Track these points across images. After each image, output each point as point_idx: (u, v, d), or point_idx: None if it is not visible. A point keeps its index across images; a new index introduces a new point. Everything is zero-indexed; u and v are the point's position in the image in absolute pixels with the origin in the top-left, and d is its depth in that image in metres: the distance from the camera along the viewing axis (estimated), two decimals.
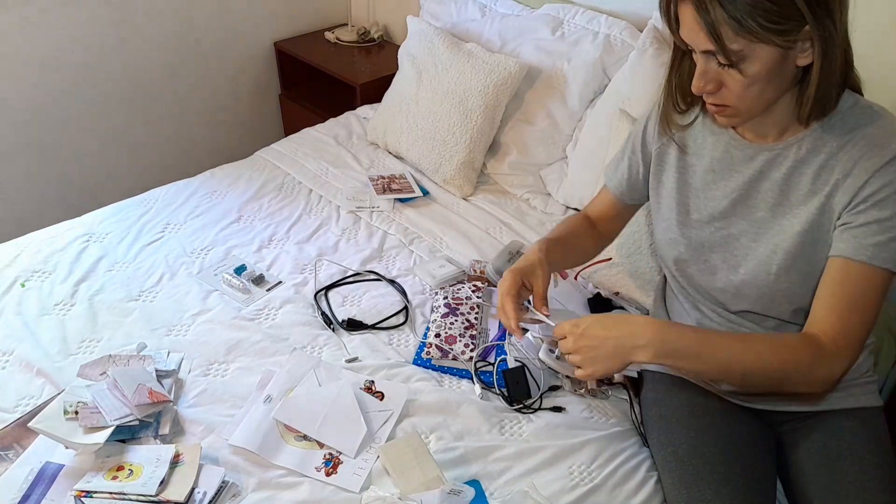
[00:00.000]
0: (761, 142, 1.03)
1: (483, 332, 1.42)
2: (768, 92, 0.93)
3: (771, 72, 0.90)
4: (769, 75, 0.91)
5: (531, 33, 1.94)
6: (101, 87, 2.23)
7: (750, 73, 0.90)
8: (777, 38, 0.86)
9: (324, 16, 2.70)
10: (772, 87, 0.93)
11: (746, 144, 1.04)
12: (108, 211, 1.73)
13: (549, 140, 1.89)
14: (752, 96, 0.94)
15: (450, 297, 1.47)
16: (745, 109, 0.97)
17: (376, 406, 1.22)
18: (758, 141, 1.03)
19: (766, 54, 0.88)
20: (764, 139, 1.02)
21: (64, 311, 1.41)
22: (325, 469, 1.12)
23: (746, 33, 0.86)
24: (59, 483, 1.06)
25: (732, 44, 0.88)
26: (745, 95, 0.93)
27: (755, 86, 0.92)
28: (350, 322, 1.42)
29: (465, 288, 1.50)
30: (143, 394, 1.15)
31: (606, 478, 1.13)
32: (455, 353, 1.34)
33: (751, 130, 1.04)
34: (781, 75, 0.92)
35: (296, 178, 1.92)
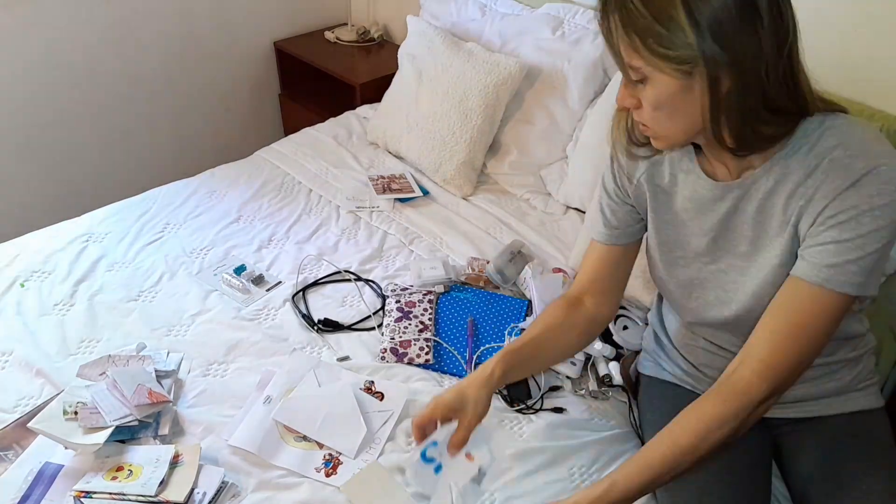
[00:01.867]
0: (728, 179, 0.97)
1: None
2: (678, 121, 0.88)
3: (673, 100, 0.85)
4: (671, 103, 0.85)
5: (531, 33, 1.94)
6: (100, 86, 2.23)
7: (649, 96, 0.86)
8: (668, 65, 0.81)
9: (324, 16, 2.69)
10: (681, 115, 0.87)
11: (713, 185, 0.98)
12: (108, 211, 1.73)
13: (550, 140, 1.89)
14: (662, 121, 0.89)
15: (402, 301, 1.46)
16: (663, 134, 0.92)
17: (376, 406, 1.22)
18: (725, 178, 0.97)
19: (663, 81, 0.83)
20: (730, 175, 0.96)
21: (63, 311, 1.41)
22: (324, 470, 1.11)
23: (638, 53, 0.82)
24: (58, 483, 1.06)
25: (632, 60, 0.84)
26: (655, 118, 0.89)
27: (661, 111, 0.87)
28: (326, 322, 1.42)
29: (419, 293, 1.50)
30: (143, 394, 1.15)
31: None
32: (411, 356, 1.34)
33: (717, 165, 0.98)
34: (689, 105, 0.85)
35: (296, 178, 1.92)
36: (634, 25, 0.81)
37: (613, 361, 1.33)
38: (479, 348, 1.38)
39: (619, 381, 1.30)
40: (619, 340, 1.37)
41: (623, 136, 1.02)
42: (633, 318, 1.44)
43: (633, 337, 1.39)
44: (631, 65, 0.84)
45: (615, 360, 1.34)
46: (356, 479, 1.08)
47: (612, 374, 1.30)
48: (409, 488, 1.08)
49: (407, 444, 1.17)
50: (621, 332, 1.39)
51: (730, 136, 0.86)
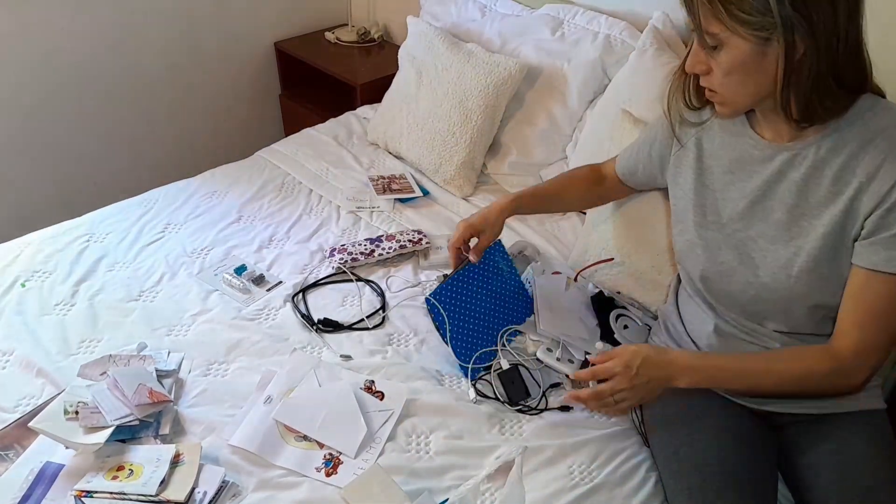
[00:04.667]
0: (779, 141, 1.01)
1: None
2: (750, 86, 0.93)
3: (747, 66, 0.90)
4: (745, 68, 0.91)
5: (531, 33, 1.94)
6: (101, 87, 2.23)
7: (723, 61, 0.91)
8: (747, 30, 0.86)
9: (324, 16, 2.70)
10: (752, 81, 0.92)
11: (765, 144, 1.03)
12: (109, 211, 1.73)
13: (550, 140, 1.89)
14: (733, 86, 0.94)
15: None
16: (731, 99, 0.97)
17: (376, 406, 1.22)
18: (776, 140, 1.02)
19: (740, 46, 0.89)
20: (781, 139, 1.01)
21: (64, 311, 1.41)
22: (325, 469, 1.12)
23: (719, 19, 0.87)
24: (59, 483, 1.06)
25: (710, 26, 0.89)
26: (726, 84, 0.94)
27: (733, 76, 0.92)
28: (326, 322, 1.42)
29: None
30: (144, 394, 1.15)
31: (606, 477, 1.13)
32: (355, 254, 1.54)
33: (769, 129, 1.03)
34: (761, 71, 0.91)
35: (296, 179, 1.92)
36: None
37: None
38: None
39: None
40: (620, 339, 1.38)
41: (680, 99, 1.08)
42: (633, 318, 1.44)
43: (634, 336, 1.39)
44: (708, 30, 0.89)
45: None
46: (357, 482, 1.08)
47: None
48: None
49: (407, 444, 1.18)
50: (622, 331, 1.40)
51: (796, 104, 0.91)
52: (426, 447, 1.17)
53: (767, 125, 1.02)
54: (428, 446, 1.18)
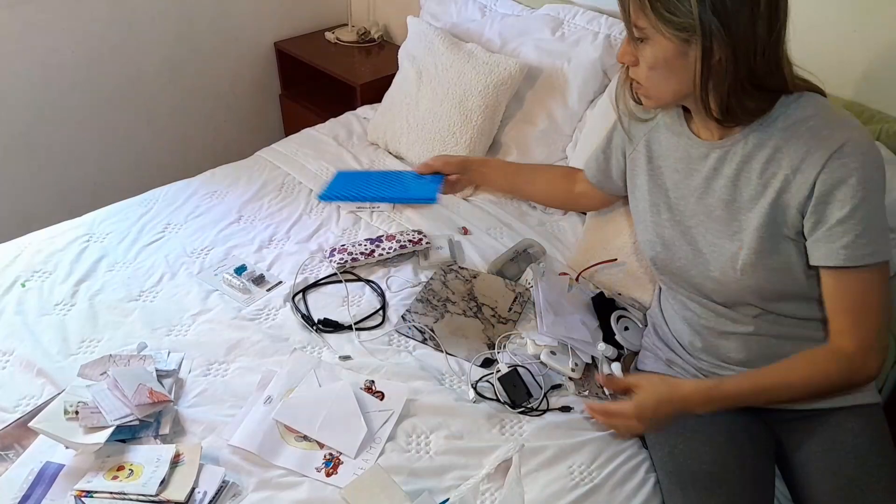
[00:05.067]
0: (711, 139, 1.05)
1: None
2: (671, 83, 0.96)
3: (669, 63, 0.93)
4: (667, 66, 0.93)
5: (531, 33, 1.94)
6: (101, 87, 2.23)
7: (647, 55, 0.94)
8: (668, 29, 0.89)
9: (324, 16, 2.70)
10: (674, 78, 0.95)
11: (699, 143, 1.06)
12: (109, 211, 1.73)
13: (550, 140, 1.89)
14: (656, 81, 0.97)
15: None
16: (654, 94, 1.00)
17: (376, 406, 1.22)
18: (709, 139, 1.05)
19: (662, 43, 0.91)
20: (713, 136, 1.04)
21: (64, 311, 1.41)
22: (325, 469, 1.12)
23: (644, 14, 0.89)
24: (59, 483, 1.06)
25: (638, 19, 0.92)
26: (650, 77, 0.97)
27: (656, 71, 0.95)
28: (326, 322, 1.42)
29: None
30: (144, 394, 1.15)
31: (606, 478, 1.13)
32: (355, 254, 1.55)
33: (702, 128, 1.06)
34: (682, 70, 0.93)
35: (296, 179, 1.92)
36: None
37: (615, 362, 1.33)
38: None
39: None
40: (620, 340, 1.38)
41: (627, 92, 1.10)
42: (633, 320, 1.44)
43: (634, 337, 1.39)
44: (636, 23, 0.92)
45: (616, 360, 1.34)
46: (357, 482, 1.08)
47: (615, 373, 1.30)
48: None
49: (407, 444, 1.18)
50: (623, 333, 1.40)
51: (715, 104, 0.94)
52: (426, 447, 1.17)
53: (701, 124, 1.06)
54: (428, 446, 1.18)
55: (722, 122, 0.97)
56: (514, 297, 1.51)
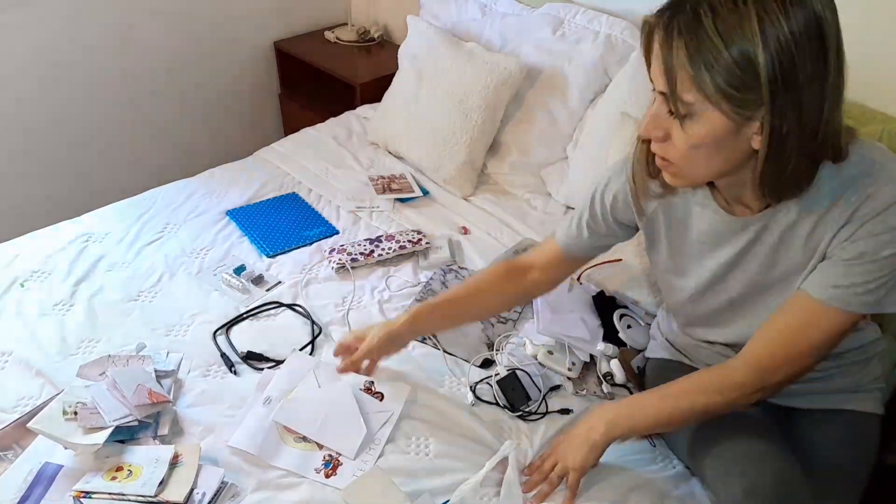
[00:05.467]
0: (747, 214, 0.96)
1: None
2: (715, 161, 0.85)
3: (718, 140, 0.81)
4: (716, 143, 0.82)
5: (532, 33, 1.94)
6: (101, 87, 2.23)
7: (693, 133, 0.82)
8: (729, 105, 0.77)
9: (324, 16, 2.69)
10: (720, 157, 0.84)
11: (732, 220, 0.97)
12: (108, 211, 1.73)
13: (550, 140, 1.89)
14: (696, 160, 0.85)
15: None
16: (689, 173, 0.89)
17: (376, 407, 1.22)
18: (744, 214, 0.96)
19: (715, 119, 0.79)
20: (749, 211, 0.95)
21: (63, 311, 1.41)
22: (324, 471, 1.11)
23: (700, 88, 0.77)
24: (58, 483, 1.06)
25: (685, 93, 0.79)
26: (689, 156, 0.85)
27: (700, 150, 0.83)
28: (250, 354, 1.32)
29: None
30: (143, 394, 1.15)
31: (605, 477, 1.13)
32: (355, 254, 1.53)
33: (735, 202, 0.96)
34: (730, 149, 0.83)
35: (296, 178, 1.92)
36: (704, 57, 0.76)
37: (614, 360, 1.33)
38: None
39: (621, 380, 1.30)
40: (624, 338, 1.38)
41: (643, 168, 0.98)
42: (635, 318, 1.44)
43: (637, 335, 1.39)
44: (682, 97, 0.79)
45: (615, 358, 1.34)
46: (356, 483, 1.08)
47: (614, 371, 1.30)
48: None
49: (406, 446, 1.17)
50: (626, 331, 1.39)
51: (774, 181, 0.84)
52: (426, 449, 1.17)
53: (733, 198, 0.96)
54: (427, 448, 1.17)
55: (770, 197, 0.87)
56: None
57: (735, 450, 1.01)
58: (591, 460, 1.07)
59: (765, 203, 0.93)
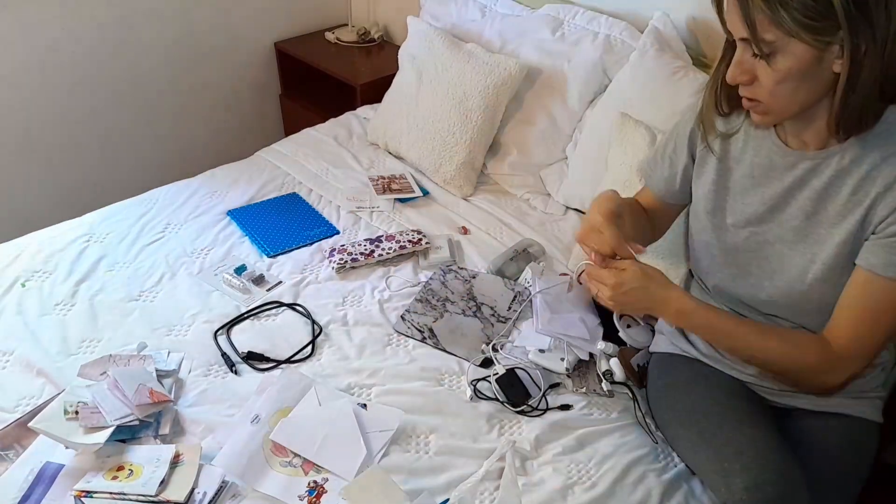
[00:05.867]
0: (803, 149, 1.00)
1: None
2: (801, 93, 0.91)
3: (803, 71, 0.88)
4: (801, 75, 0.89)
5: (531, 34, 1.94)
6: (101, 87, 2.23)
7: (780, 69, 0.88)
8: (809, 35, 0.84)
9: (324, 16, 2.70)
10: (804, 88, 0.90)
11: (789, 152, 1.02)
12: (109, 211, 1.73)
13: (550, 140, 1.89)
14: (784, 94, 0.92)
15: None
16: (777, 108, 0.95)
17: (376, 426, 1.18)
18: (800, 148, 1.01)
19: (798, 51, 0.86)
20: (806, 147, 1.00)
21: (64, 311, 1.41)
22: (308, 498, 1.08)
23: (780, 25, 0.85)
24: (59, 483, 1.06)
25: (766, 33, 0.86)
26: (777, 92, 0.91)
27: (786, 83, 0.90)
28: (250, 355, 1.32)
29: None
30: (144, 394, 1.15)
31: (605, 474, 1.14)
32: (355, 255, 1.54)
33: (794, 137, 1.02)
34: (815, 78, 0.89)
35: (296, 179, 1.92)
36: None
37: (614, 358, 1.33)
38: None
39: (620, 377, 1.30)
40: (624, 338, 1.37)
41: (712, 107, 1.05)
42: (635, 318, 1.44)
43: (638, 334, 1.39)
44: (763, 38, 0.87)
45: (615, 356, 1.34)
46: (356, 483, 1.08)
47: (614, 369, 1.30)
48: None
49: (406, 444, 1.17)
50: (626, 330, 1.39)
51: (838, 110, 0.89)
52: (426, 447, 1.17)
53: (793, 133, 1.02)
54: (427, 446, 1.18)
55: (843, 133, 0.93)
56: (513, 297, 1.51)
57: (736, 445, 1.02)
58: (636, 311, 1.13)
59: (824, 141, 0.97)
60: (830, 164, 0.97)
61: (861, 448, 1.11)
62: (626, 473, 1.15)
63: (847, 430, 1.11)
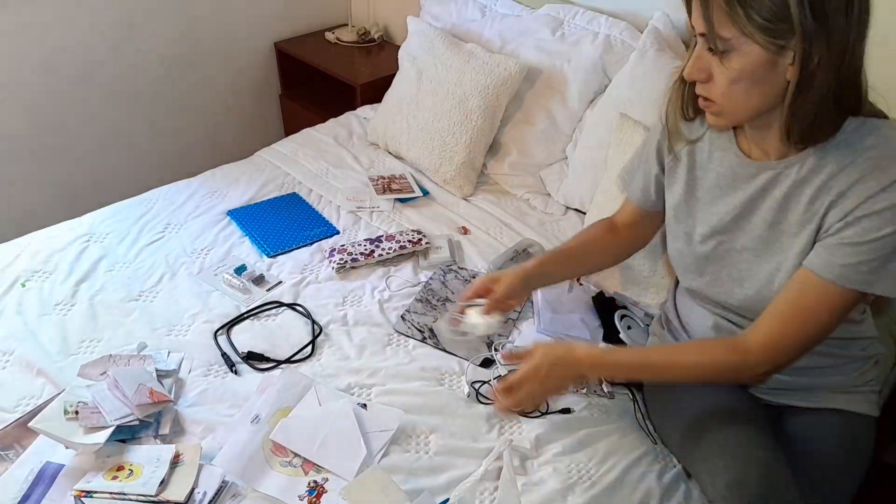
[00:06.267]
0: (764, 159, 1.00)
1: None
2: (754, 96, 0.90)
3: (756, 74, 0.87)
4: (754, 77, 0.88)
5: (531, 34, 1.94)
6: (101, 87, 2.23)
7: (734, 68, 0.88)
8: (763, 37, 0.84)
9: (324, 16, 2.70)
10: (757, 91, 0.90)
11: (750, 162, 1.02)
12: (109, 211, 1.73)
13: (549, 140, 1.89)
14: (737, 96, 0.91)
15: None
16: (730, 109, 0.94)
17: (376, 426, 1.18)
18: (761, 158, 1.01)
19: (753, 52, 0.85)
20: (767, 156, 1.00)
21: (64, 311, 1.41)
22: (308, 498, 1.08)
23: (735, 22, 0.84)
24: (59, 483, 1.06)
25: (722, 30, 0.85)
26: (730, 93, 0.91)
27: (739, 84, 0.89)
28: (251, 355, 1.32)
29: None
30: (144, 394, 1.15)
31: (605, 475, 1.14)
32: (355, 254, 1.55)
33: (755, 146, 1.02)
34: (768, 82, 0.88)
35: (296, 179, 1.92)
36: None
37: None
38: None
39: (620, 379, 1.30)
40: (625, 338, 1.38)
41: (677, 109, 1.05)
42: (635, 318, 1.44)
43: (637, 335, 1.39)
44: (720, 34, 0.86)
45: None
46: (357, 482, 1.08)
47: None
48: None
49: (406, 444, 1.17)
50: (627, 332, 1.40)
51: (799, 121, 0.89)
52: (426, 447, 1.17)
53: (754, 142, 1.01)
54: (427, 446, 1.18)
55: (797, 142, 0.92)
56: None
57: (722, 443, 1.03)
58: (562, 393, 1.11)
59: (784, 151, 0.97)
60: (790, 174, 0.97)
61: (856, 443, 1.11)
62: (626, 474, 1.15)
63: (841, 426, 1.11)
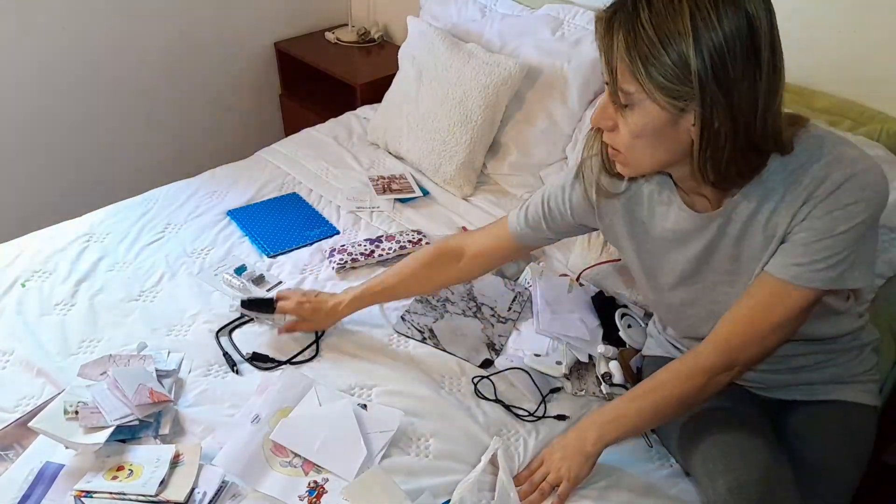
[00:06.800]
0: (709, 209, 0.97)
1: None
2: (658, 152, 0.88)
3: (657, 131, 0.85)
4: (655, 134, 0.85)
5: (531, 34, 1.94)
6: (101, 87, 2.23)
7: (632, 123, 0.86)
8: (663, 97, 0.81)
9: (324, 16, 2.70)
10: (662, 147, 0.87)
11: (695, 216, 0.99)
12: (109, 211, 1.73)
13: (550, 140, 1.89)
14: (640, 150, 0.89)
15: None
16: (635, 162, 0.92)
17: (376, 426, 1.18)
18: (707, 209, 0.98)
19: (653, 110, 0.83)
20: (710, 206, 0.97)
21: (64, 311, 1.41)
22: (308, 498, 1.07)
23: (636, 78, 0.81)
24: (59, 483, 1.06)
25: (626, 83, 0.83)
26: (633, 146, 0.88)
27: (641, 139, 0.87)
28: (255, 356, 1.32)
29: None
30: (144, 394, 1.15)
31: (604, 476, 1.14)
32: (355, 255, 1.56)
33: (697, 198, 0.99)
34: (672, 139, 0.86)
35: (296, 179, 1.92)
36: (639, 50, 0.80)
37: (613, 361, 1.33)
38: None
39: (619, 380, 1.30)
40: (625, 338, 1.38)
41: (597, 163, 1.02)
42: (635, 317, 1.44)
43: (637, 335, 1.39)
44: (622, 87, 0.84)
45: (614, 359, 1.34)
46: (357, 483, 1.08)
47: (613, 372, 1.30)
48: None
49: (407, 446, 1.17)
50: (627, 330, 1.39)
51: (713, 172, 0.87)
52: (426, 448, 1.17)
53: (692, 192, 0.99)
54: (427, 447, 1.18)
55: (719, 187, 0.92)
56: (513, 297, 1.51)
57: (722, 446, 1.02)
58: (584, 471, 1.08)
59: (723, 195, 0.95)
60: (740, 211, 0.95)
61: (857, 433, 1.10)
62: (624, 474, 1.15)
63: (841, 416, 1.11)
